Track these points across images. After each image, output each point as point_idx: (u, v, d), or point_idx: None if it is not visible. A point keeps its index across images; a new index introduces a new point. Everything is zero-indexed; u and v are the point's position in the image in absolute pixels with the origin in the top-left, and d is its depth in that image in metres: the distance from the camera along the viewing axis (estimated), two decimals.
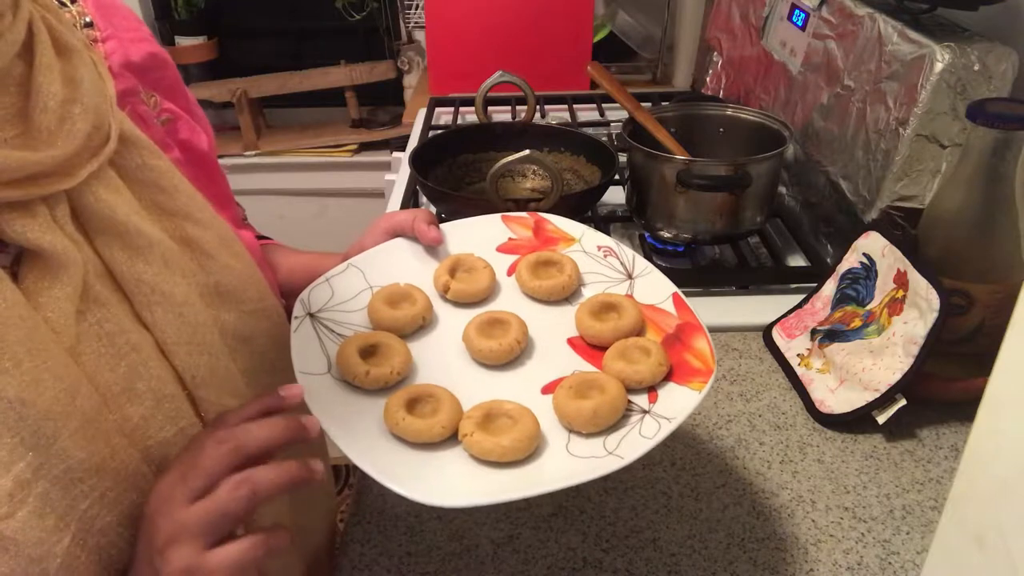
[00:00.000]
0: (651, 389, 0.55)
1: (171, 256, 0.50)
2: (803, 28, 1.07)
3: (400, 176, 1.26)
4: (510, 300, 0.64)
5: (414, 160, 1.02)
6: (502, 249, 0.67)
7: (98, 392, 0.44)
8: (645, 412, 0.53)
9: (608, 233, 1.06)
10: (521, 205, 0.91)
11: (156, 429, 0.47)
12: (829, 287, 0.85)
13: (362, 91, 2.15)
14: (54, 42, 0.46)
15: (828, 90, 0.99)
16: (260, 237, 0.77)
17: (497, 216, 0.69)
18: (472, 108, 1.21)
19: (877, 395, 0.72)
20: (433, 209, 1.13)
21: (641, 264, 0.64)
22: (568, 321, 0.61)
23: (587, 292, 0.63)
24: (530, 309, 0.62)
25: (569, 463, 0.50)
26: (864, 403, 0.73)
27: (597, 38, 1.71)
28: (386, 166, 1.56)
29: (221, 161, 0.69)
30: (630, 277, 0.63)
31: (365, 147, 2.16)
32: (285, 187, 2.20)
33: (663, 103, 1.12)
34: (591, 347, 0.59)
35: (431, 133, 1.36)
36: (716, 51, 1.42)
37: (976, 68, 0.78)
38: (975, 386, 0.38)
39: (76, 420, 0.41)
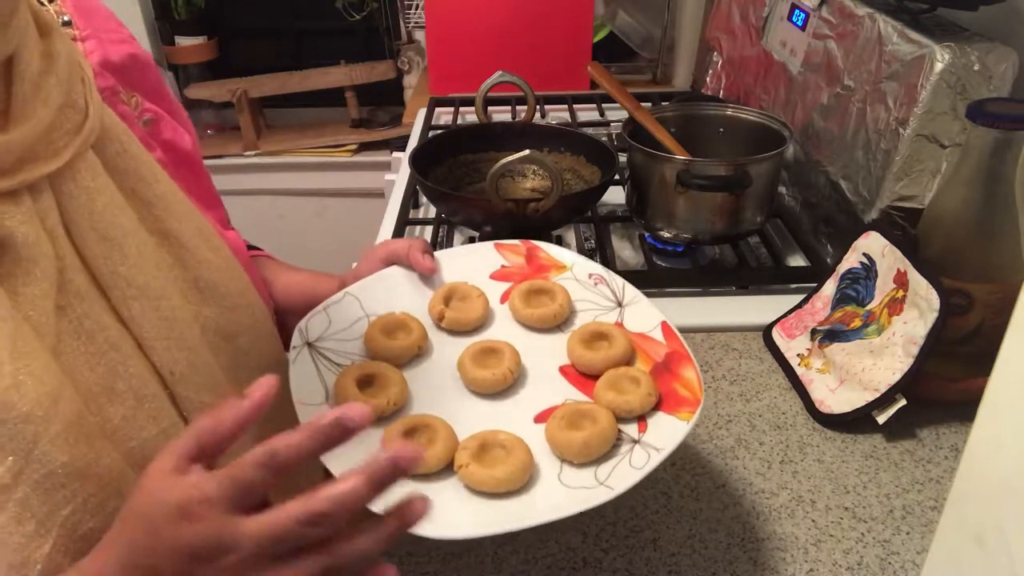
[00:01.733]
0: (641, 418, 0.56)
1: (147, 249, 0.50)
2: (803, 28, 1.07)
3: (400, 176, 1.27)
4: (503, 328, 0.65)
5: (414, 160, 1.02)
6: (495, 276, 0.69)
7: (78, 393, 0.44)
8: (635, 442, 0.54)
9: (609, 233, 1.07)
10: (521, 205, 0.91)
11: (137, 430, 0.46)
12: (829, 287, 0.85)
13: (362, 91, 2.15)
14: (36, 22, 0.46)
15: (828, 90, 0.99)
16: (250, 247, 0.77)
17: (490, 244, 0.70)
18: (472, 108, 1.21)
19: (877, 395, 0.72)
20: (433, 210, 1.13)
21: (631, 292, 0.65)
22: (560, 349, 0.62)
23: (578, 319, 0.65)
24: (523, 336, 0.63)
25: (561, 493, 0.51)
26: (864, 403, 0.73)
27: (597, 38, 1.71)
28: (386, 166, 1.56)
29: (221, 161, 0.70)
30: (620, 305, 0.64)
31: (365, 147, 2.16)
32: (285, 187, 2.20)
33: (663, 103, 1.12)
34: (582, 375, 0.60)
35: (431, 133, 1.36)
36: (716, 51, 1.42)
37: (976, 68, 0.78)
38: (975, 386, 0.38)
39: (58, 424, 0.41)
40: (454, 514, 0.50)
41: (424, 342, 0.62)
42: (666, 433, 0.53)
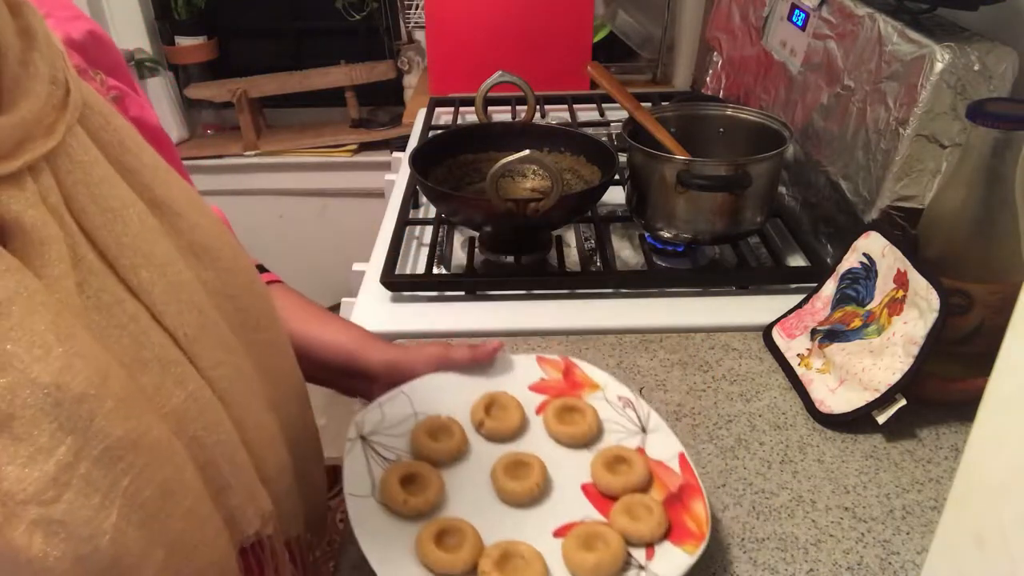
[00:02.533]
0: (650, 545, 0.60)
1: (145, 217, 0.50)
2: (803, 28, 1.07)
3: (400, 176, 1.27)
4: (536, 439, 0.70)
5: (414, 160, 1.02)
6: (534, 388, 0.74)
7: None
8: (641, 568, 0.59)
9: (609, 233, 1.07)
10: (521, 205, 0.91)
11: (168, 397, 0.47)
12: (829, 287, 0.85)
13: (362, 91, 2.16)
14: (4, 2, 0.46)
15: (828, 90, 0.99)
16: (261, 269, 0.78)
17: (533, 357, 0.77)
18: (472, 108, 1.21)
19: (877, 395, 0.72)
20: (433, 210, 1.13)
21: (655, 420, 0.69)
22: (584, 466, 0.66)
23: (605, 439, 0.69)
24: (552, 450, 0.68)
25: None
26: (864, 403, 0.73)
27: (597, 38, 1.71)
28: (386, 166, 1.56)
29: (221, 161, 0.70)
30: (644, 431, 0.69)
31: (365, 147, 2.16)
32: (285, 187, 2.20)
33: (663, 103, 1.12)
34: (602, 495, 0.64)
35: (431, 133, 1.36)
36: (716, 51, 1.42)
37: (976, 68, 0.78)
38: (975, 386, 0.38)
39: (110, 400, 0.42)
40: None
41: (464, 446, 0.68)
42: (670, 564, 0.58)
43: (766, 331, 0.88)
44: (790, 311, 0.88)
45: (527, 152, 0.89)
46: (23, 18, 0.46)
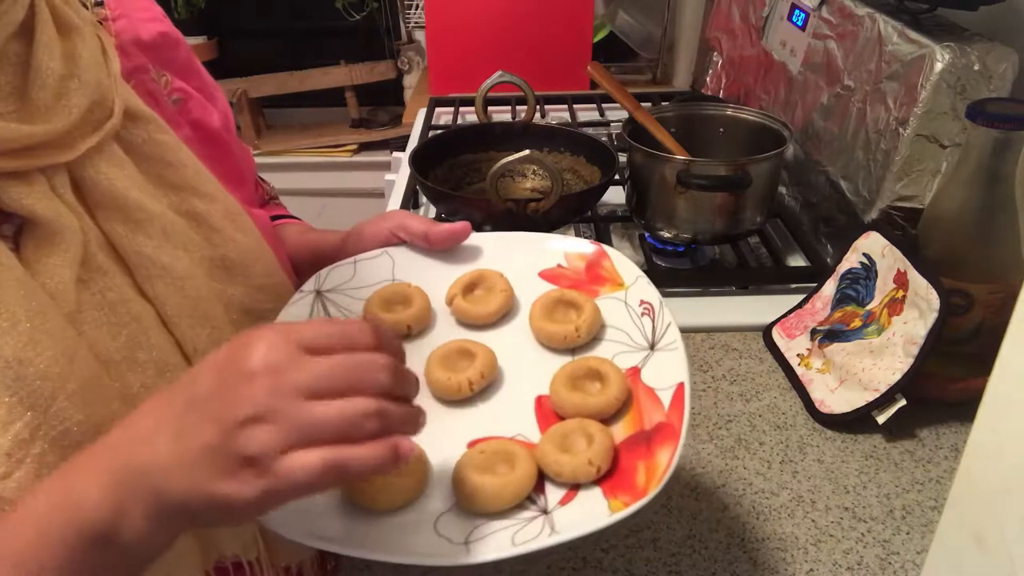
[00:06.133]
0: (575, 486, 0.47)
1: (173, 230, 0.50)
2: (803, 28, 1.07)
3: (400, 176, 1.27)
4: (515, 334, 0.58)
5: (414, 160, 1.02)
6: (545, 275, 0.62)
7: (99, 360, 0.45)
8: (544, 512, 0.46)
9: (609, 233, 1.07)
10: (521, 205, 0.91)
11: None
12: (829, 287, 0.85)
13: (362, 91, 2.16)
14: (56, 20, 0.46)
15: (828, 90, 0.99)
16: (282, 216, 0.77)
17: (561, 241, 0.64)
18: (472, 108, 1.21)
19: (877, 395, 0.72)
20: (433, 210, 1.13)
21: (671, 337, 0.54)
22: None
23: (598, 348, 0.57)
24: (529, 350, 0.57)
25: (427, 537, 0.45)
26: (864, 403, 0.73)
27: (597, 38, 1.71)
28: (386, 166, 1.56)
29: None
30: (651, 348, 0.55)
31: (365, 147, 2.17)
32: (285, 187, 2.17)
33: (663, 103, 1.12)
34: (556, 415, 0.52)
35: (431, 133, 1.36)
36: (716, 51, 1.42)
37: (976, 68, 0.78)
38: (975, 386, 0.38)
39: (74, 382, 0.42)
40: (326, 524, 0.46)
41: (416, 324, 0.57)
42: (577, 519, 0.44)
43: (766, 331, 0.88)
44: (790, 311, 0.88)
45: (527, 152, 0.89)
46: (71, 42, 0.47)
